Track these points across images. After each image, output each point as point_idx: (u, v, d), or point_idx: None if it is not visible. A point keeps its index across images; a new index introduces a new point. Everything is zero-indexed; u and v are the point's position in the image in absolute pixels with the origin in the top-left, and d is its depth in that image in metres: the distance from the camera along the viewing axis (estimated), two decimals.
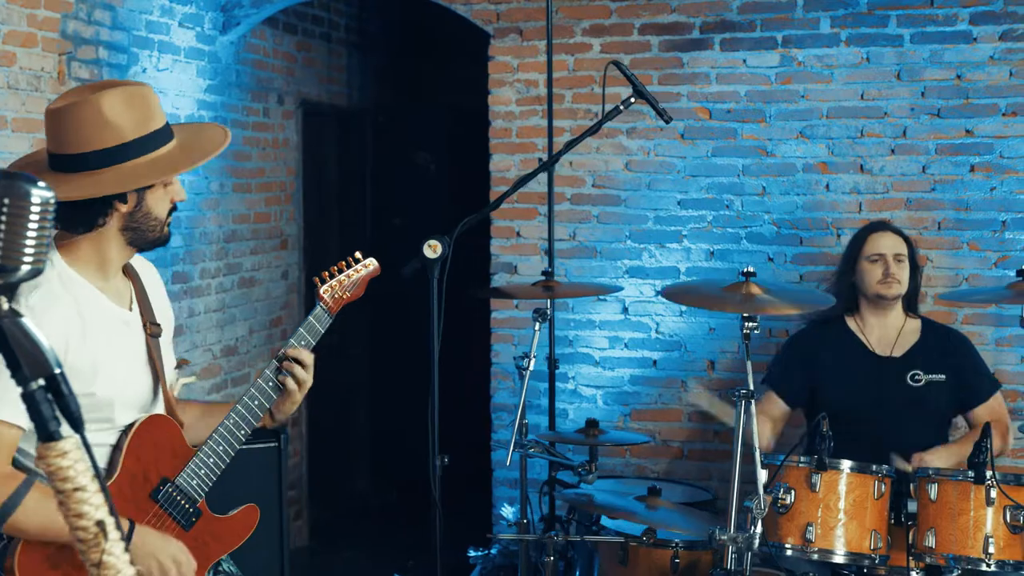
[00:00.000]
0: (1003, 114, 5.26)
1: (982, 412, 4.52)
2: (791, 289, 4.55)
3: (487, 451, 5.94)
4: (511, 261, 5.77)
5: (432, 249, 3.89)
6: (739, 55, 5.49)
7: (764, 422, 4.66)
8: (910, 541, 3.80)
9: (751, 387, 3.64)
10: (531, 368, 4.44)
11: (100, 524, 1.37)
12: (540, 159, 5.42)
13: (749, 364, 3.67)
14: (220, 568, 2.89)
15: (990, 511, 3.64)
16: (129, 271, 2.79)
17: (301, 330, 2.96)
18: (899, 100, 5.35)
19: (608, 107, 4.05)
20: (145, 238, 2.68)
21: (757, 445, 3.60)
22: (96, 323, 2.63)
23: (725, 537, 3.59)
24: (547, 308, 4.52)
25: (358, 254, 3.23)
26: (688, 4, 5.53)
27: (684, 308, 5.58)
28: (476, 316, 5.98)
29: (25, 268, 1.32)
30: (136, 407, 2.73)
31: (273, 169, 6.51)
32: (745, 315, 3.67)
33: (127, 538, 2.56)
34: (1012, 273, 5.21)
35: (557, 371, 5.57)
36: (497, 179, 5.75)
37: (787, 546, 3.78)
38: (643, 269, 5.63)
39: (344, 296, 3.07)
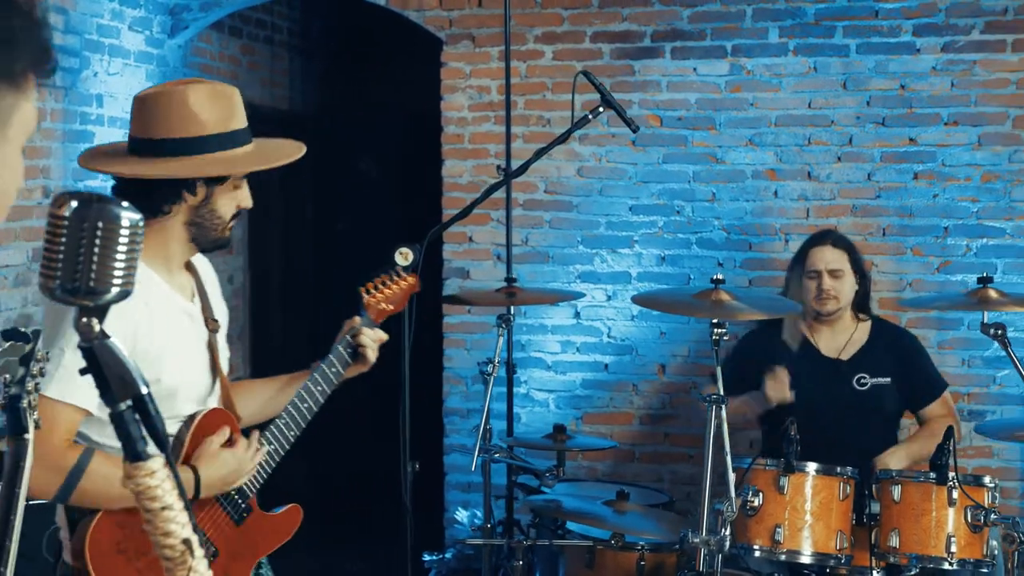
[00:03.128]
0: (945, 123, 5.41)
1: (932, 411, 4.65)
2: (759, 296, 4.65)
3: (438, 455, 5.97)
4: (463, 266, 5.80)
5: (403, 256, 3.91)
6: (689, 63, 5.58)
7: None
8: (873, 541, 3.90)
9: (721, 392, 3.72)
10: (495, 373, 4.49)
11: (187, 542, 1.38)
12: (498, 165, 5.45)
13: (719, 370, 3.75)
14: (260, 572, 2.94)
15: (952, 511, 3.76)
16: (191, 267, 2.86)
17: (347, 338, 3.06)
18: (845, 109, 5.48)
19: (578, 115, 4.09)
20: (208, 236, 2.74)
21: (728, 450, 3.68)
22: (162, 312, 2.70)
23: (698, 540, 3.66)
24: (510, 314, 4.57)
25: (399, 268, 3.35)
26: (639, 13, 5.61)
27: (635, 312, 5.65)
28: (425, 321, 5.99)
29: (115, 291, 1.33)
30: (195, 399, 2.79)
31: None
32: (714, 321, 3.75)
33: (196, 489, 2.63)
34: (954, 278, 5.41)
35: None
36: (450, 185, 5.78)
37: (756, 547, 3.86)
38: (595, 274, 5.70)
39: (388, 309, 3.21)
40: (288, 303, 7.35)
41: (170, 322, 2.72)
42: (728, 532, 3.67)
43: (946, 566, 3.76)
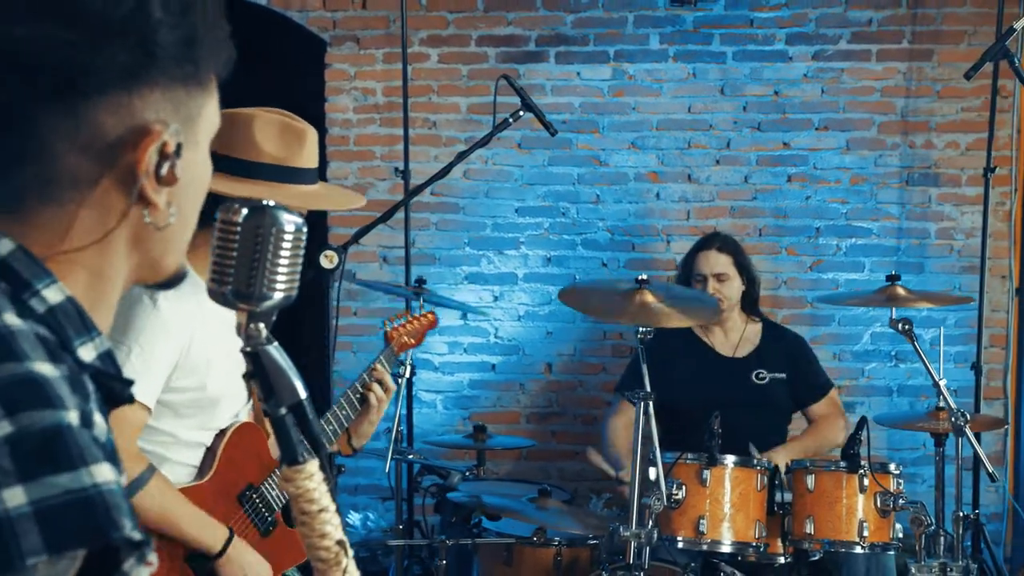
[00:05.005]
0: (816, 128, 5.66)
1: (819, 409, 4.87)
2: (682, 295, 4.74)
3: None
4: (350, 268, 5.78)
5: (328, 259, 3.93)
6: (573, 68, 5.70)
7: (620, 428, 4.89)
8: (787, 528, 4.08)
9: (648, 388, 3.83)
10: (407, 376, 4.51)
11: (341, 544, 1.39)
12: (395, 167, 5.47)
13: (645, 367, 3.86)
14: None
15: (862, 498, 3.96)
16: None
17: (376, 363, 3.21)
18: (723, 114, 5.68)
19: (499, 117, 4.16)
20: None
21: (656, 444, 3.80)
22: (213, 320, 2.70)
23: (628, 533, 3.76)
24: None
25: (420, 306, 3.62)
26: (524, 17, 5.70)
27: (522, 313, 5.74)
28: (309, 323, 5.95)
29: (279, 295, 1.34)
30: (231, 411, 2.81)
31: None
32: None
33: (225, 546, 2.61)
34: (826, 276, 5.67)
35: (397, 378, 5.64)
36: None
37: (679, 539, 3.98)
38: (482, 275, 5.76)
39: (409, 342, 3.45)
40: None
41: (219, 332, 2.72)
42: (654, 524, 3.79)
43: (858, 550, 3.96)
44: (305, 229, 1.36)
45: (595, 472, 5.75)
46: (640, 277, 3.94)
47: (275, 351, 1.36)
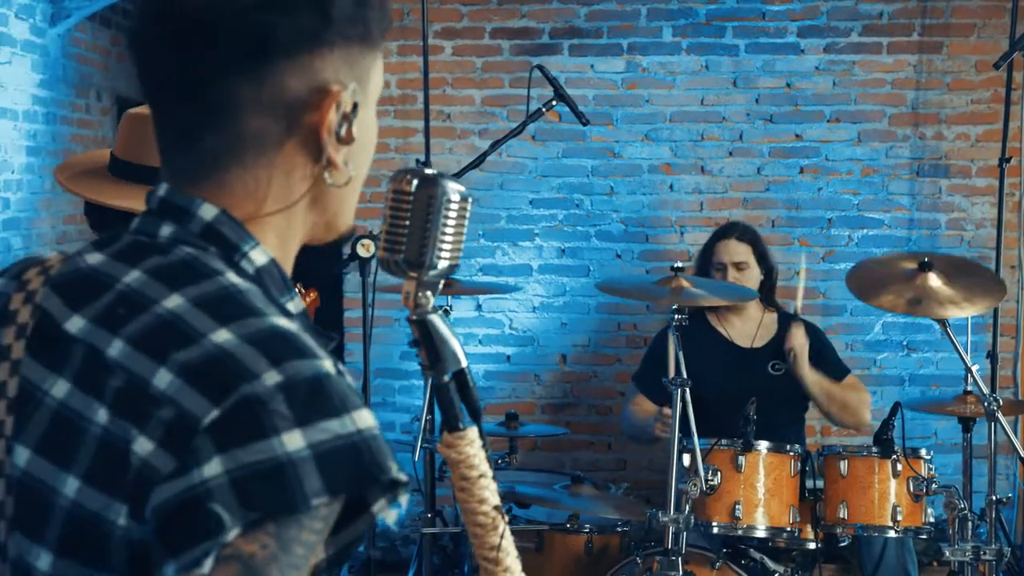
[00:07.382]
0: (828, 120, 5.71)
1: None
2: (715, 284, 4.77)
3: None
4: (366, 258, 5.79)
5: (365, 248, 3.98)
6: (587, 60, 5.73)
7: (637, 414, 4.91)
8: (819, 513, 4.11)
9: (684, 375, 3.86)
10: None
11: (497, 508, 1.41)
12: (417, 159, 5.49)
13: (680, 355, 3.89)
14: None
15: (895, 482, 4.00)
16: None
17: None
18: (736, 106, 5.72)
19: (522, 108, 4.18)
20: None
21: (694, 430, 3.82)
22: None
23: (667, 519, 3.79)
24: (449, 306, 4.62)
25: (299, 287, 3.38)
26: (538, 10, 5.72)
27: (537, 304, 5.77)
28: (321, 315, 5.95)
29: (446, 264, 1.36)
30: None
31: None
32: (675, 307, 3.90)
33: None
34: (838, 267, 5.70)
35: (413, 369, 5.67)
36: None
37: (715, 524, 4.01)
38: (497, 267, 5.78)
39: None
40: None
41: None
42: (691, 510, 3.82)
43: (891, 534, 4.00)
44: (470, 199, 1.38)
45: (608, 463, 5.80)
46: (675, 265, 3.97)
47: (439, 319, 1.38)
